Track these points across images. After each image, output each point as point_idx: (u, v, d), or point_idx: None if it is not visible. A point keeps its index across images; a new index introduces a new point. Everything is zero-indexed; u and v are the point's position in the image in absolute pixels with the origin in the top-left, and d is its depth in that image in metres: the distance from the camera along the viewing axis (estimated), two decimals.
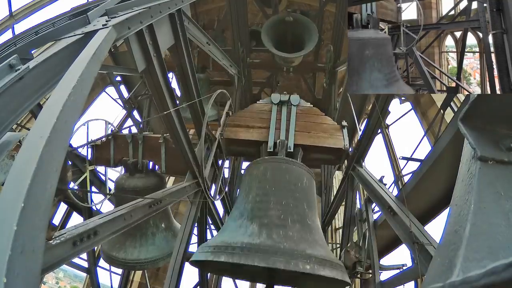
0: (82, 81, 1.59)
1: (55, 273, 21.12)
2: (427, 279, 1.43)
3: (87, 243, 2.53)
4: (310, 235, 3.84)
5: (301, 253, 3.49)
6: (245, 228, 3.80)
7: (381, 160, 11.05)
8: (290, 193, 4.14)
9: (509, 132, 1.39)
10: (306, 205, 4.16)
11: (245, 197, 4.25)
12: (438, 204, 3.78)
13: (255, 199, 4.11)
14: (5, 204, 1.01)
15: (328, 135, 5.26)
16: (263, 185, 4.23)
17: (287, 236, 3.67)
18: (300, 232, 3.79)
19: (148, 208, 3.49)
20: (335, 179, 9.77)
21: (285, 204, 3.99)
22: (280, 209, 3.93)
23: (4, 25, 7.81)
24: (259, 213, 3.94)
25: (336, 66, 7.82)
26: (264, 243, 3.53)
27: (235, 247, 3.51)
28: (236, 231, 3.84)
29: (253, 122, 5.48)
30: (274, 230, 3.70)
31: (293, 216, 3.92)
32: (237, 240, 3.62)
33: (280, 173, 4.33)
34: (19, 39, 2.15)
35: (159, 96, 3.48)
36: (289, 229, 3.76)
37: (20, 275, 0.91)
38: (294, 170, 4.44)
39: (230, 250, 3.50)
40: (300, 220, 3.94)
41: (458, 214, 1.27)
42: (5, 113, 1.60)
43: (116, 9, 2.50)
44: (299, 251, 3.51)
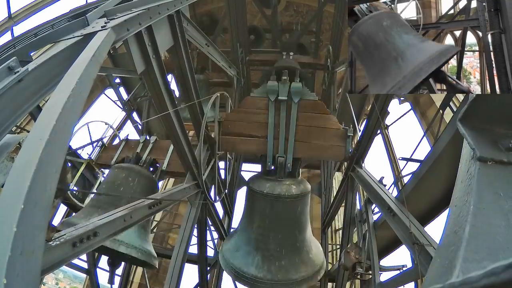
0: (81, 83, 1.59)
1: (55, 274, 21.10)
2: (427, 280, 1.43)
3: (87, 244, 2.52)
4: (297, 258, 5.43)
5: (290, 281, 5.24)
6: (253, 257, 5.37)
7: (380, 161, 11.06)
8: (284, 226, 5.31)
9: (508, 132, 1.39)
10: (297, 230, 5.41)
11: (250, 224, 5.54)
12: (438, 205, 3.77)
13: (258, 231, 5.40)
14: (5, 205, 1.01)
15: (330, 144, 5.11)
16: (263, 218, 5.36)
17: (281, 266, 5.29)
18: (290, 259, 5.37)
19: (148, 209, 3.49)
20: (335, 180, 9.77)
21: (280, 238, 5.32)
22: (277, 243, 5.32)
23: (3, 27, 7.81)
24: (261, 245, 5.38)
25: (335, 67, 7.82)
26: (265, 277, 5.19)
27: (248, 277, 5.26)
28: (247, 258, 5.42)
29: (249, 129, 5.23)
30: (272, 263, 5.30)
31: (286, 247, 5.37)
32: (249, 271, 5.28)
33: (277, 211, 5.22)
34: (18, 41, 2.15)
35: (158, 98, 3.48)
36: (282, 259, 5.33)
37: (20, 276, 0.92)
38: (289, 205, 5.18)
39: (244, 279, 5.33)
40: (291, 247, 5.41)
41: (457, 215, 1.27)
42: (4, 115, 1.60)
43: (115, 11, 2.50)
44: (287, 280, 5.23)
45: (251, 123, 5.25)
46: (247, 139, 5.25)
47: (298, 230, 5.44)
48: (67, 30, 2.21)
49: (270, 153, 5.08)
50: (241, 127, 5.29)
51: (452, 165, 2.14)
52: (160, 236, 12.61)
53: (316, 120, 5.16)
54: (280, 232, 5.36)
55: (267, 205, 5.28)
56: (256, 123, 5.24)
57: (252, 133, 5.23)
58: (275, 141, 5.10)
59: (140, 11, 2.68)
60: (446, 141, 3.11)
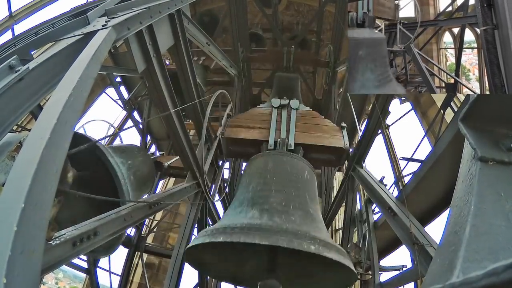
0: (82, 82, 1.59)
1: (55, 273, 21.10)
2: (427, 280, 1.43)
3: (87, 243, 2.52)
4: (313, 222, 3.59)
5: (305, 234, 3.19)
6: (245, 213, 3.60)
7: (381, 161, 11.06)
8: (291, 183, 4.00)
9: (509, 132, 1.39)
10: (308, 196, 3.95)
11: (245, 187, 4.07)
12: (438, 205, 3.78)
13: (256, 188, 3.92)
14: (5, 204, 1.01)
15: (328, 135, 5.27)
16: (264, 175, 4.11)
17: (289, 219, 3.42)
18: (302, 218, 3.54)
19: (149, 208, 3.49)
20: (336, 180, 9.77)
21: (286, 193, 3.81)
22: (282, 197, 3.74)
23: (3, 26, 7.81)
24: (260, 199, 3.72)
25: (336, 66, 7.82)
26: (265, 223, 3.32)
27: (235, 227, 3.26)
28: (235, 216, 3.64)
29: (253, 123, 5.51)
30: (275, 214, 3.46)
31: (295, 203, 3.70)
32: (237, 222, 3.40)
33: (281, 164, 4.24)
34: (19, 40, 2.15)
35: (159, 97, 3.48)
36: (291, 214, 3.52)
37: (20, 275, 0.91)
38: (295, 162, 4.36)
39: (229, 231, 3.23)
40: (303, 208, 3.70)
41: (458, 215, 1.26)
42: (5, 114, 1.60)
43: (116, 10, 2.50)
44: (302, 232, 3.22)
45: (255, 120, 5.56)
46: (250, 129, 5.43)
47: (309, 196, 3.95)
48: (68, 28, 2.21)
49: (272, 136, 5.12)
50: (245, 122, 5.56)
51: (452, 165, 2.14)
52: (160, 236, 12.62)
53: (313, 120, 5.56)
54: (286, 187, 3.91)
55: (269, 160, 4.34)
56: (260, 120, 5.52)
57: (256, 125, 5.46)
58: (277, 131, 5.23)
59: (141, 10, 2.68)
60: (447, 141, 3.11)
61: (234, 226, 3.27)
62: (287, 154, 4.53)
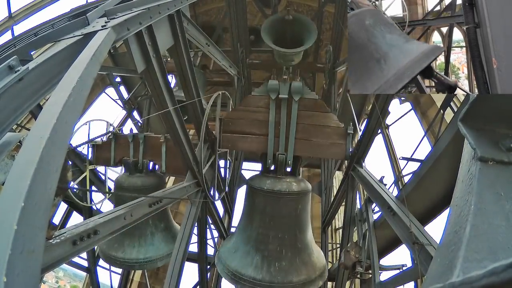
0: (82, 82, 1.59)
1: (55, 272, 21.12)
2: (427, 279, 1.43)
3: (87, 242, 2.52)
4: (298, 259, 5.25)
5: (289, 284, 5.08)
6: (252, 258, 5.21)
7: (381, 160, 11.05)
8: (285, 225, 5.19)
9: (509, 132, 1.39)
10: (298, 230, 5.27)
11: (250, 223, 5.36)
12: (438, 204, 3.77)
13: (258, 230, 5.24)
14: (5, 204, 1.01)
15: (330, 143, 5.11)
16: (263, 218, 5.21)
17: (281, 267, 5.12)
18: (291, 260, 5.20)
19: (148, 207, 3.49)
20: (335, 179, 9.77)
21: (280, 237, 5.17)
22: (277, 243, 5.16)
23: (3, 26, 7.81)
24: (261, 246, 5.22)
25: (335, 67, 7.81)
26: (264, 279, 5.03)
27: (246, 279, 5.08)
28: (245, 258, 5.24)
29: (250, 127, 5.29)
30: (271, 263, 5.14)
31: (286, 247, 5.21)
32: (246, 272, 5.11)
33: (278, 208, 5.10)
34: (19, 41, 2.15)
35: (159, 97, 3.48)
36: (282, 259, 5.17)
37: (20, 274, 0.92)
38: (289, 202, 5.05)
39: (241, 281, 5.14)
40: (292, 247, 5.25)
41: (458, 214, 1.26)
42: (5, 114, 1.60)
43: (115, 10, 2.50)
44: (287, 282, 5.06)
45: (252, 121, 5.28)
46: (248, 136, 5.27)
47: (298, 230, 5.28)
48: (67, 29, 2.21)
49: (270, 151, 5.06)
50: (242, 125, 5.32)
51: (452, 165, 2.14)
52: None
53: (317, 118, 5.18)
54: (280, 231, 5.19)
55: (267, 203, 5.14)
56: (257, 121, 5.26)
57: (253, 131, 5.26)
58: (275, 139, 5.09)
59: (141, 11, 2.68)
60: (446, 141, 3.11)
61: (245, 278, 5.09)
62: (282, 194, 5.00)
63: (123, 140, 5.72)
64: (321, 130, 5.13)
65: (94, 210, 6.70)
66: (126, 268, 7.08)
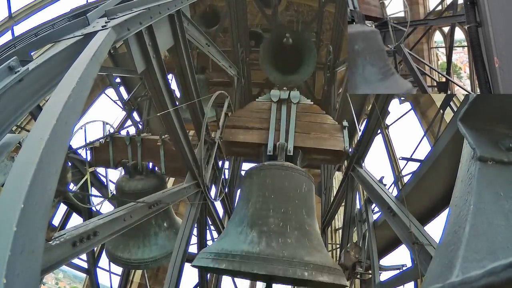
0: (82, 83, 1.59)
1: (55, 273, 21.12)
2: (427, 279, 1.43)
3: (87, 243, 2.52)
4: (308, 242, 3.92)
5: (300, 261, 3.58)
6: (245, 235, 3.86)
7: (381, 161, 11.06)
8: (289, 200, 4.19)
9: (509, 132, 1.39)
10: (305, 212, 4.20)
11: (246, 203, 4.29)
12: (438, 204, 3.78)
13: (255, 206, 4.14)
14: (5, 205, 1.01)
15: (328, 135, 5.23)
16: (262, 191, 4.26)
17: (286, 243, 3.75)
18: (298, 239, 3.87)
19: (148, 209, 3.49)
20: (335, 180, 9.77)
21: (284, 212, 4.05)
22: (280, 217, 3.98)
23: (3, 27, 7.81)
24: (259, 220, 3.97)
25: (335, 67, 7.82)
26: (263, 251, 3.62)
27: (235, 255, 3.64)
28: (236, 238, 3.91)
29: (252, 123, 5.45)
30: (273, 238, 3.77)
31: (292, 223, 3.98)
32: (237, 248, 3.72)
33: (280, 180, 4.34)
34: (19, 41, 2.15)
35: (159, 97, 3.48)
36: (288, 236, 3.84)
37: (20, 275, 0.92)
38: (293, 176, 4.41)
39: (230, 258, 3.64)
40: (299, 227, 4.01)
41: (457, 214, 1.27)
42: (4, 115, 1.60)
43: (116, 10, 2.50)
44: (297, 258, 3.60)
45: (253, 119, 5.49)
46: (249, 130, 5.38)
47: (306, 211, 4.18)
48: (67, 29, 2.21)
49: (271, 140, 5.10)
50: (244, 121, 5.49)
51: (452, 165, 2.14)
52: None
53: (314, 117, 5.47)
54: (284, 205, 4.08)
55: (267, 175, 4.36)
56: (258, 119, 5.46)
57: (255, 126, 5.40)
58: (276, 132, 5.18)
59: (141, 11, 2.68)
60: (446, 141, 3.11)
61: (235, 254, 3.65)
62: (285, 167, 4.48)
63: (121, 142, 5.72)
64: (319, 126, 5.35)
65: (94, 211, 6.69)
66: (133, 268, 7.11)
